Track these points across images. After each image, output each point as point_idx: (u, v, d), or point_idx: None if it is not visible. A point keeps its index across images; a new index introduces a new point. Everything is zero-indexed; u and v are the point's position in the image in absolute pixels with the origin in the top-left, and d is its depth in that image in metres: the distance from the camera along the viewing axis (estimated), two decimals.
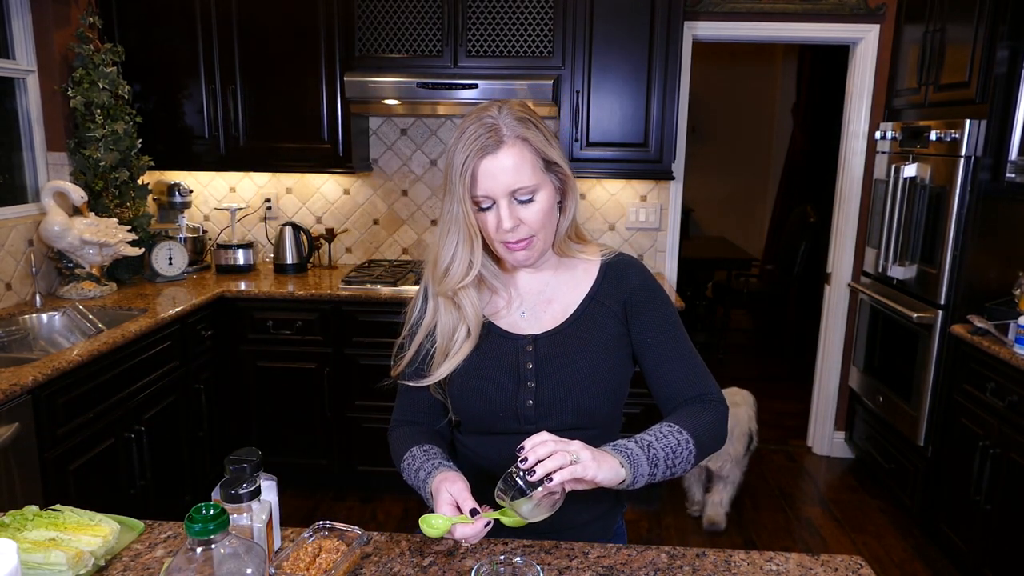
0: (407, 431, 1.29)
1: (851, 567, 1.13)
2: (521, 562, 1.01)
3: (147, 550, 1.16)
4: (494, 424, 1.24)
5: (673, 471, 1.10)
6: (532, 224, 1.17)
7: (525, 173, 1.14)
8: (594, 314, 1.25)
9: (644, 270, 1.30)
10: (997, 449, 2.46)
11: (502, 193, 1.14)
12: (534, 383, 1.21)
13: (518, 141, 1.14)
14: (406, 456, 1.23)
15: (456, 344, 1.23)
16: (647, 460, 1.06)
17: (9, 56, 2.84)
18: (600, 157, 3.16)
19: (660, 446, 1.08)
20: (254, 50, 3.16)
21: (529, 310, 1.27)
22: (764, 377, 5.07)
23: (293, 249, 3.42)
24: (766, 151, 6.63)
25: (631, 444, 1.07)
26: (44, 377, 2.01)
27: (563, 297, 1.27)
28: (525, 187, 1.14)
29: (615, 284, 1.27)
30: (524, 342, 1.24)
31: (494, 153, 1.13)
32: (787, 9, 3.33)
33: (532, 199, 1.16)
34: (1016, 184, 2.57)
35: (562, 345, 1.23)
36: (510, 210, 1.15)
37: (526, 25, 3.05)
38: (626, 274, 1.28)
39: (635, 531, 3.03)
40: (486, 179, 1.14)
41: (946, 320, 2.83)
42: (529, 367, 1.22)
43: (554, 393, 1.20)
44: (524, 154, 1.14)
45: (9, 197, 2.87)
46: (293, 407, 3.13)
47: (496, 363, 1.23)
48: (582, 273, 1.29)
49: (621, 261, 1.30)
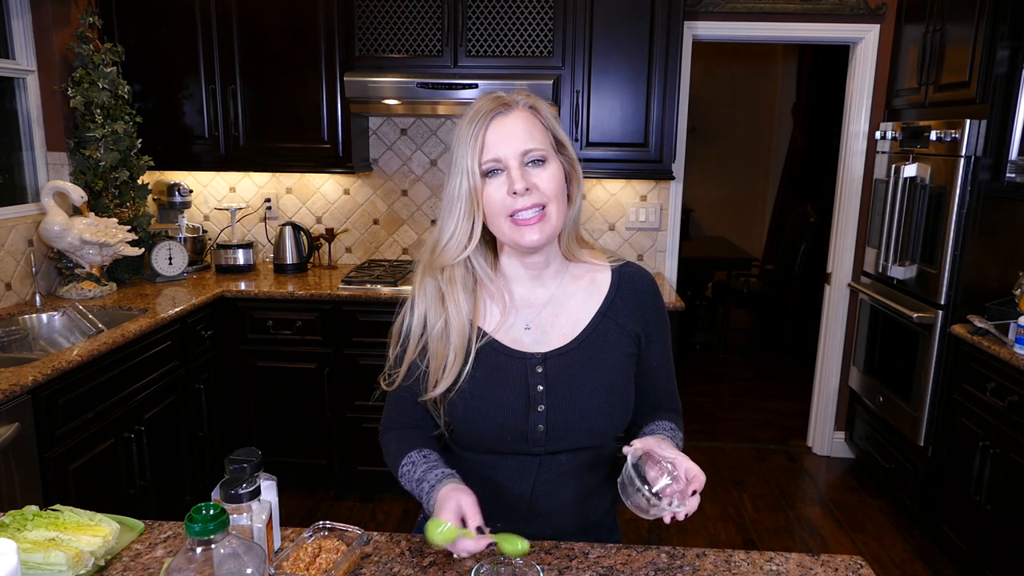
0: (401, 435, 1.23)
1: (851, 567, 1.13)
2: (521, 562, 1.01)
3: (147, 550, 1.16)
4: (498, 446, 1.18)
5: None
6: (546, 190, 1.10)
7: (537, 136, 1.11)
8: (606, 331, 1.20)
9: (655, 284, 1.26)
10: (997, 449, 2.46)
11: (513, 154, 1.10)
12: (544, 406, 1.15)
13: (528, 108, 1.14)
14: (404, 462, 1.18)
15: (450, 358, 1.15)
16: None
17: (9, 56, 2.84)
18: (600, 157, 3.16)
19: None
20: (254, 50, 3.16)
21: (534, 324, 1.20)
22: (764, 377, 5.07)
23: (293, 249, 3.42)
24: (766, 151, 6.63)
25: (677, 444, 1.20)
26: (44, 377, 2.01)
27: (572, 311, 1.21)
28: (537, 148, 1.11)
29: (629, 300, 1.22)
30: (533, 362, 1.17)
31: (505, 115, 1.11)
32: (787, 9, 3.33)
33: (545, 162, 1.11)
34: (1016, 184, 2.57)
35: (573, 365, 1.17)
36: (522, 171, 1.10)
37: (526, 25, 3.05)
38: (640, 289, 1.23)
39: (635, 531, 3.03)
40: (496, 141, 1.10)
41: (946, 320, 2.83)
42: (539, 389, 1.16)
43: (566, 416, 1.15)
44: (535, 121, 1.13)
45: (9, 197, 2.87)
46: (293, 407, 3.13)
47: (503, 385, 1.16)
48: (590, 284, 1.22)
49: (634, 273, 1.25)
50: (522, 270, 1.21)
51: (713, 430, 4.10)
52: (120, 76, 3.05)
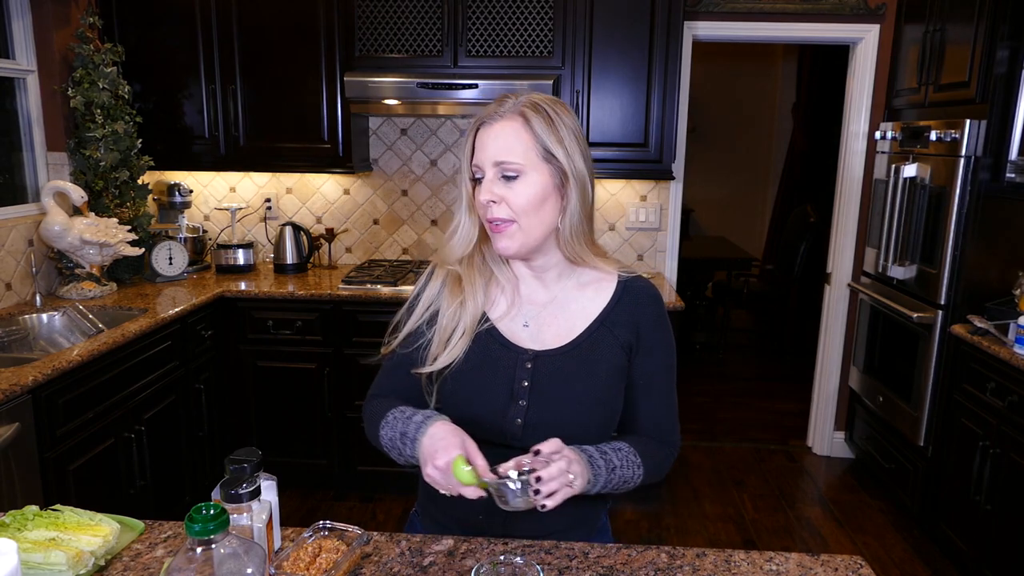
0: (387, 401, 1.21)
1: (851, 567, 1.13)
2: (521, 562, 1.01)
3: (147, 550, 1.16)
4: (476, 433, 1.12)
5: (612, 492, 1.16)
6: (513, 206, 1.12)
7: (516, 150, 1.11)
8: (601, 340, 1.19)
9: (660, 301, 1.24)
10: (997, 449, 2.46)
11: (488, 163, 1.12)
12: (526, 402, 1.17)
13: (517, 118, 1.12)
14: (393, 412, 1.16)
15: (457, 335, 1.18)
16: (603, 484, 1.12)
17: (9, 56, 2.84)
18: (600, 157, 3.15)
19: (620, 474, 1.14)
20: (254, 50, 3.16)
21: (532, 321, 1.22)
22: (764, 377, 5.08)
23: (293, 249, 3.42)
24: (766, 151, 6.63)
25: (601, 462, 1.11)
26: (44, 377, 2.01)
27: (571, 315, 1.21)
28: (511, 163, 1.11)
29: (629, 311, 1.21)
30: (524, 357, 1.19)
31: (491, 124, 1.13)
32: (787, 9, 3.33)
33: (517, 178, 1.12)
34: (1016, 184, 2.57)
35: (562, 368, 1.18)
36: (492, 183, 1.12)
37: (526, 25, 3.05)
38: (642, 302, 1.22)
39: (635, 531, 3.03)
40: (480, 147, 1.14)
41: (946, 320, 2.83)
42: (524, 384, 1.17)
43: (544, 416, 1.15)
44: (519, 132, 1.12)
45: (9, 197, 2.87)
46: (293, 407, 3.13)
47: (491, 373, 1.18)
48: (594, 291, 1.22)
49: (640, 286, 1.23)
50: (524, 269, 1.24)
51: (713, 430, 4.10)
52: (120, 76, 3.05)
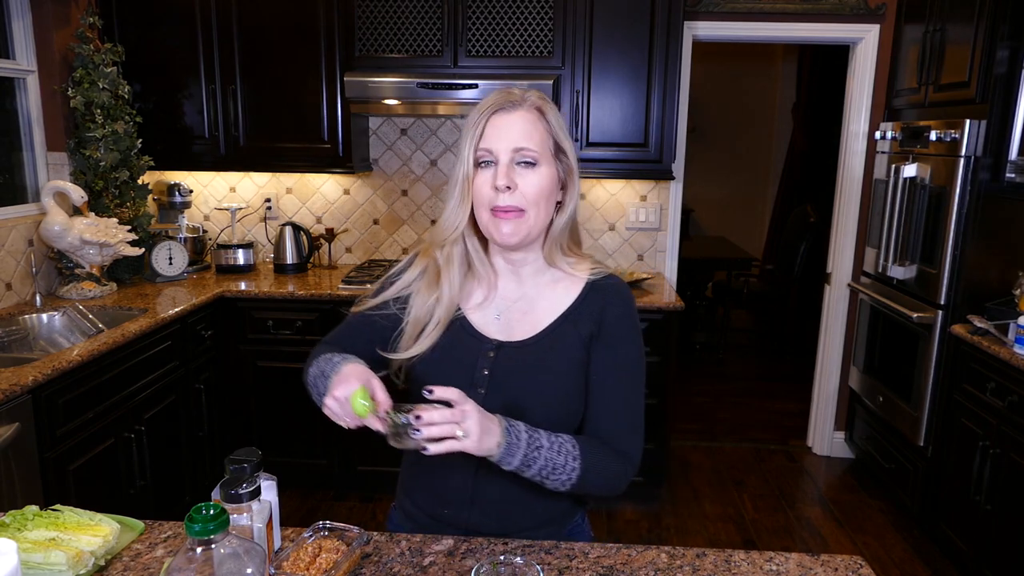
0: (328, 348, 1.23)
1: (851, 567, 1.14)
2: (521, 562, 1.01)
3: (147, 550, 1.16)
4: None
5: (543, 481, 1.11)
6: (527, 194, 1.13)
7: (535, 138, 1.14)
8: (563, 335, 1.20)
9: (628, 301, 1.23)
10: (997, 449, 2.46)
11: (505, 149, 1.13)
12: (484, 391, 1.17)
13: (535, 110, 1.16)
14: (320, 358, 1.18)
15: (430, 327, 1.20)
16: (521, 458, 1.07)
17: (9, 56, 2.84)
18: (600, 157, 3.16)
19: (546, 456, 1.09)
20: (254, 50, 3.16)
21: (504, 314, 1.23)
22: (764, 377, 5.08)
23: (293, 249, 3.42)
24: (766, 151, 6.63)
25: (523, 435, 1.08)
26: (44, 377, 2.01)
27: (539, 312, 1.22)
28: (530, 150, 1.13)
29: (593, 307, 1.21)
30: (487, 347, 1.20)
31: (509, 111, 1.14)
32: (787, 9, 3.33)
33: (534, 166, 1.14)
34: (1016, 184, 2.57)
35: (523, 361, 1.19)
36: (508, 168, 1.13)
37: (526, 25, 3.05)
38: (608, 300, 1.21)
39: (635, 531, 3.03)
40: (494, 132, 1.13)
41: (946, 320, 2.83)
42: (484, 373, 1.18)
43: (501, 407, 1.13)
44: (537, 123, 1.15)
45: (9, 197, 2.87)
46: (293, 407, 3.13)
47: (454, 360, 1.20)
48: (563, 291, 1.23)
49: (608, 285, 1.23)
50: (502, 263, 1.25)
51: (713, 430, 4.10)
52: (120, 76, 3.05)
